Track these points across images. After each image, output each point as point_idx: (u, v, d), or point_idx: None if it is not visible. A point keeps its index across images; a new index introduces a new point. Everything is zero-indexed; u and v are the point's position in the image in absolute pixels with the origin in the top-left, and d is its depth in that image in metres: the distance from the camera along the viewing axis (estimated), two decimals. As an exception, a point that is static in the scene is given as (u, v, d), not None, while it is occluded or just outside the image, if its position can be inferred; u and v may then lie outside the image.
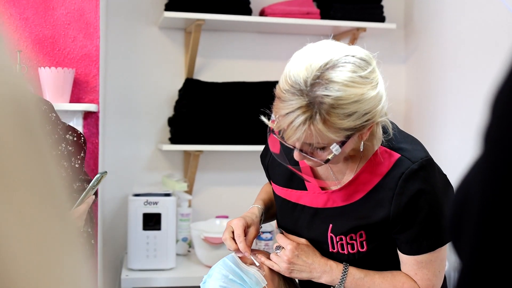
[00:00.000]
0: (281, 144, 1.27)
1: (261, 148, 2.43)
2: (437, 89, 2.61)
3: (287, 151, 1.28)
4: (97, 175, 1.38)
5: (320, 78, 1.11)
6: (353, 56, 1.15)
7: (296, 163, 1.35)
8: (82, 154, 1.58)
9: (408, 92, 2.87)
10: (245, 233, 1.36)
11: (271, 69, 2.68)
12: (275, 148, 1.27)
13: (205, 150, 2.47)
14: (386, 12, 2.73)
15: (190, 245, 2.51)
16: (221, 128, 2.45)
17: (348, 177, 1.31)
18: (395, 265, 1.32)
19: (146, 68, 2.61)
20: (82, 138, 1.60)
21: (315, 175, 1.37)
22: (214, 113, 2.45)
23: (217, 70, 2.67)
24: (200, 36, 2.51)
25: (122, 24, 2.58)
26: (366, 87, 1.13)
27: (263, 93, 2.45)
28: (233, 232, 1.36)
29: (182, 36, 2.65)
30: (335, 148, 1.16)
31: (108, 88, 2.56)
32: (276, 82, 1.26)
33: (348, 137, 1.16)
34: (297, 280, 1.47)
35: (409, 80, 2.86)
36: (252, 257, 1.34)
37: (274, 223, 1.62)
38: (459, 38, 2.42)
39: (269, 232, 2.46)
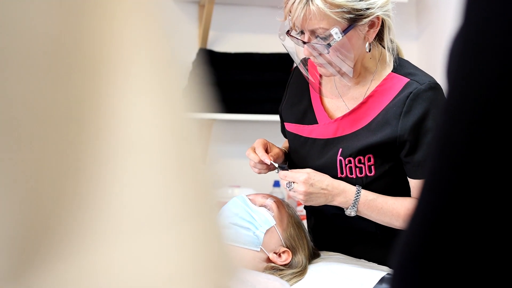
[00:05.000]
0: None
1: (272, 117, 2.48)
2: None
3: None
4: None
5: None
6: None
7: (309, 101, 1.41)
8: None
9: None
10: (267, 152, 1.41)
11: (284, 43, 2.71)
12: (291, 49, 1.37)
13: (217, 118, 2.51)
14: (398, -14, 2.75)
15: (202, 214, 2.55)
16: (233, 98, 2.49)
17: (357, 101, 1.36)
18: (403, 195, 1.35)
19: (160, 40, 2.65)
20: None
21: (325, 107, 1.42)
22: (227, 83, 2.48)
23: (230, 43, 2.71)
24: (213, 9, 2.55)
25: (137, -4, 2.63)
26: None
27: (275, 64, 2.50)
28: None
29: (196, 9, 2.69)
30: (335, 31, 1.23)
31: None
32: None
33: (348, 23, 1.23)
34: (306, 226, 1.50)
35: (421, 57, 2.87)
36: (273, 162, 1.37)
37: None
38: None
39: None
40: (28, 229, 0.16)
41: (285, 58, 2.44)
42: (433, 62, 2.75)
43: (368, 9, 1.24)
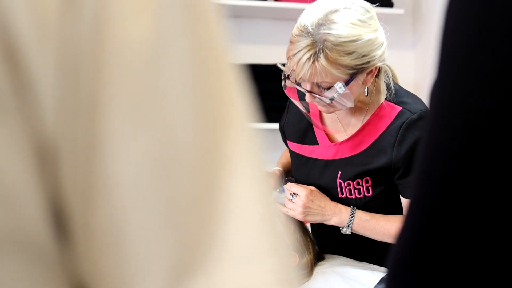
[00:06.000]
0: (298, 93, 1.43)
1: (277, 125, 2.59)
2: (444, 72, 2.72)
3: (301, 99, 1.45)
4: None
5: (324, 20, 1.29)
6: (354, 4, 1.33)
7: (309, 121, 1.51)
8: None
9: (417, 76, 3.00)
10: None
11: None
12: (290, 94, 1.43)
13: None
14: (395, -2, 2.86)
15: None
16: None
17: (355, 128, 1.46)
18: (398, 211, 1.46)
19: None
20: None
21: (324, 126, 1.53)
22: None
23: (235, 54, 2.81)
24: (218, 22, 2.65)
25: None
26: (364, 30, 1.29)
27: (279, 74, 2.60)
28: None
29: (202, 22, 2.80)
30: (338, 86, 1.31)
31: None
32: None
33: (350, 76, 1.31)
34: (310, 229, 1.62)
35: (418, 64, 2.99)
36: None
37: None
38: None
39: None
40: (182, 256, 0.28)
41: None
42: (429, 69, 2.85)
43: (368, 62, 1.32)
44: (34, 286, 0.28)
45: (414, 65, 3.02)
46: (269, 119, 2.61)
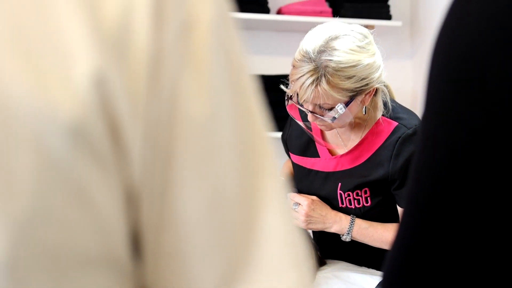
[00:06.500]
0: (299, 112, 1.51)
1: (279, 134, 2.66)
2: (440, 82, 2.80)
3: (304, 119, 1.53)
4: None
5: (325, 47, 1.37)
6: (353, 31, 1.41)
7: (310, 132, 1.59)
8: None
9: (415, 86, 3.08)
10: None
11: (288, 64, 2.89)
12: (293, 113, 1.52)
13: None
14: (393, 10, 2.94)
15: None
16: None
17: (354, 142, 1.55)
18: (395, 220, 1.55)
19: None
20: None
21: (326, 142, 1.61)
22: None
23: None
24: (222, 34, 2.73)
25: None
26: (363, 55, 1.37)
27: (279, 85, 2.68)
28: None
29: (206, 34, 2.87)
30: (339, 107, 1.39)
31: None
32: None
33: (350, 98, 1.39)
34: (311, 235, 1.70)
35: (416, 74, 3.07)
36: None
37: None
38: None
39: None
40: (228, 270, 0.37)
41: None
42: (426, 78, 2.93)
43: (367, 84, 1.40)
44: None
45: (412, 74, 3.10)
46: (271, 128, 2.68)
